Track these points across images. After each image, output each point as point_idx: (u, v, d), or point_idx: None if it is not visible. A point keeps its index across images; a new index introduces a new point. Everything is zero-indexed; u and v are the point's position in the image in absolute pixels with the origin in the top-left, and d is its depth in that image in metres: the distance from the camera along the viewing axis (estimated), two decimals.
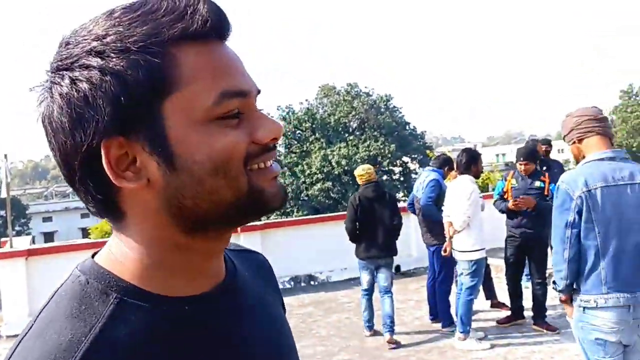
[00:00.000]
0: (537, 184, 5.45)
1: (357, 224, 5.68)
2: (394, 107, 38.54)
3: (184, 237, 0.67)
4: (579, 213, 2.67)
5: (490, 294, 6.43)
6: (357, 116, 36.49)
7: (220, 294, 0.72)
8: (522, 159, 5.53)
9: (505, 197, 5.61)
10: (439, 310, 5.93)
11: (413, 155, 37.35)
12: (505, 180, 5.74)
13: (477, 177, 5.49)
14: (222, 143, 0.64)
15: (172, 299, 0.67)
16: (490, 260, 6.29)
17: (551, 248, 3.60)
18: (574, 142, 2.87)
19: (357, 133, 36.51)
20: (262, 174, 0.67)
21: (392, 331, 5.55)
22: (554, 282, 2.89)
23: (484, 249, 5.28)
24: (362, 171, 5.83)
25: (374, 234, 5.59)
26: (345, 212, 6.45)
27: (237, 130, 0.65)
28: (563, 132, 3.02)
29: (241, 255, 0.85)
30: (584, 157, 2.84)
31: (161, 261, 0.68)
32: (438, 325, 5.92)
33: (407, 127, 38.58)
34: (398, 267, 8.44)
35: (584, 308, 2.71)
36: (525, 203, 5.39)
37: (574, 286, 2.77)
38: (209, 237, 0.69)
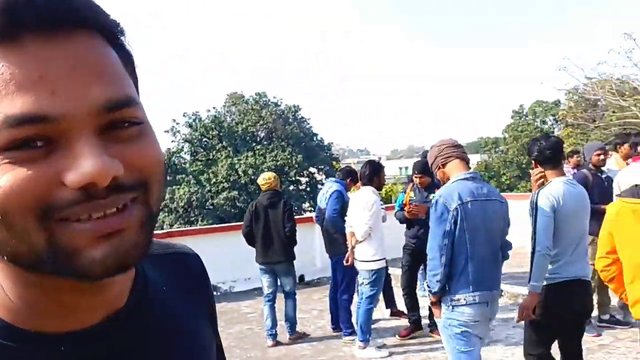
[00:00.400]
0: (432, 196, 5.66)
1: (253, 229, 5.84)
2: (302, 117, 38.91)
3: (33, 275, 0.53)
4: (455, 223, 3.07)
5: (390, 302, 6.61)
6: (265, 126, 36.47)
7: (111, 326, 0.59)
8: (417, 172, 5.73)
9: (405, 209, 5.81)
10: (340, 319, 6.00)
11: (320, 166, 37.80)
12: (405, 192, 5.95)
13: (379, 188, 5.63)
14: None
15: (46, 337, 0.56)
16: (390, 270, 6.46)
17: None
18: (439, 168, 3.32)
19: (265, 142, 36.48)
20: (81, 228, 0.49)
21: (292, 332, 5.94)
22: (428, 286, 3.26)
23: (384, 259, 5.42)
24: (263, 180, 5.97)
25: (268, 240, 5.78)
26: None
27: (33, 167, 0.47)
28: (430, 161, 3.45)
29: (164, 260, 0.71)
30: (448, 178, 3.26)
31: (22, 295, 0.55)
32: (340, 334, 5.99)
33: (315, 138, 39.03)
34: (302, 277, 8.47)
35: (453, 306, 3.13)
36: (418, 210, 5.61)
37: (446, 288, 3.16)
38: (62, 278, 0.52)
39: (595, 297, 5.74)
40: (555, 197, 3.31)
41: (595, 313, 5.81)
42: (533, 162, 3.52)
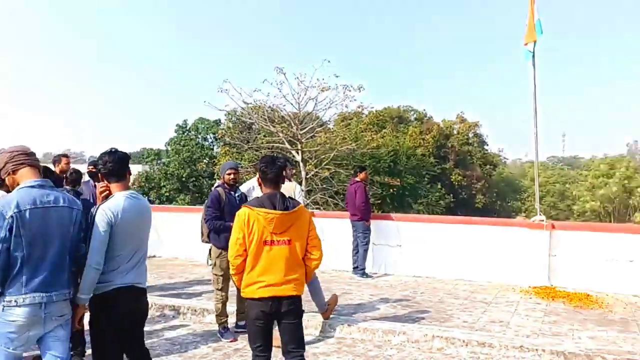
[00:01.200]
0: None
1: None
2: None
3: None
4: (10, 230, 3.16)
5: None
6: None
7: None
8: None
9: None
10: None
11: None
12: None
13: None
14: None
15: None
16: None
17: None
18: (9, 174, 3.41)
19: None
20: None
21: None
22: None
23: None
24: None
25: None
26: None
27: None
28: None
29: None
30: (18, 184, 3.37)
31: None
32: None
33: None
34: None
35: (4, 307, 3.23)
36: None
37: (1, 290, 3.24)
38: None
39: (234, 306, 6.23)
40: (113, 212, 3.55)
41: (232, 319, 6.30)
42: (100, 175, 3.76)
